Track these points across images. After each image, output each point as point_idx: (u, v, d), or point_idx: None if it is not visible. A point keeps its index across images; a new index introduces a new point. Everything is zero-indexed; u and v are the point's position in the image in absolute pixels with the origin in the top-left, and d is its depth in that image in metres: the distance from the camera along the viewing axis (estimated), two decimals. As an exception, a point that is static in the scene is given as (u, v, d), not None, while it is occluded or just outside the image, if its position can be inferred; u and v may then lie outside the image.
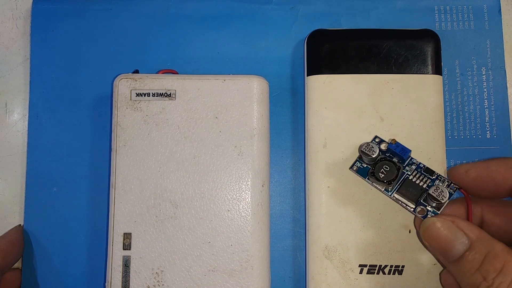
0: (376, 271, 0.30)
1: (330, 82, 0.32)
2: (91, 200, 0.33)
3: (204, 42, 0.35)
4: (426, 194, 0.28)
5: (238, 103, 0.30)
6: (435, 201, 0.27)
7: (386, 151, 0.29)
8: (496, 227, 0.28)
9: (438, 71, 0.32)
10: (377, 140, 0.30)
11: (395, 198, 0.29)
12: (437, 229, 0.25)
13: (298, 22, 0.35)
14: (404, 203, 0.29)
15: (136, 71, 0.32)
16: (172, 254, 0.29)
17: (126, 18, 0.35)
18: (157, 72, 0.33)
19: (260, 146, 0.30)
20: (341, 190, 0.31)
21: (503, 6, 0.35)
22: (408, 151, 0.29)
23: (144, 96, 0.30)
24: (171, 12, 0.35)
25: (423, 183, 0.29)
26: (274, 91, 0.34)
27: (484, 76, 0.34)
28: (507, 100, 0.34)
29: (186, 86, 0.31)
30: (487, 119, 0.34)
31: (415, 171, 0.29)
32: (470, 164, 0.28)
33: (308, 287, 0.31)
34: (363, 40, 0.32)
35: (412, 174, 0.29)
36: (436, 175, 0.29)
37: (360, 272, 0.30)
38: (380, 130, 0.31)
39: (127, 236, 0.29)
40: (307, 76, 0.32)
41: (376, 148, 0.29)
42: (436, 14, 0.35)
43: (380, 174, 0.28)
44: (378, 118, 0.31)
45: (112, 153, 0.30)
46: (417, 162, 0.29)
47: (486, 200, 0.28)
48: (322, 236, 0.30)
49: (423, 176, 0.29)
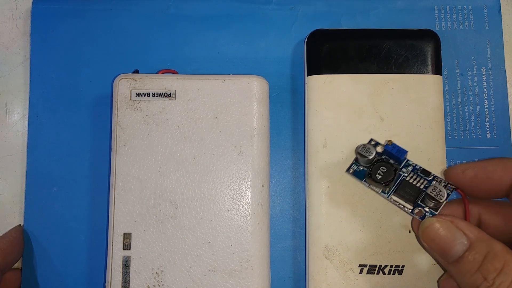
0: (376, 271, 0.30)
1: (330, 82, 0.32)
2: (91, 200, 0.33)
3: (204, 42, 0.35)
4: (424, 195, 0.28)
5: (238, 103, 0.30)
6: (433, 201, 0.27)
7: (382, 153, 0.29)
8: (494, 227, 0.27)
9: (438, 71, 0.32)
10: (372, 142, 0.30)
11: (392, 200, 0.29)
12: (436, 229, 0.25)
13: (298, 22, 0.35)
14: (401, 205, 0.29)
15: (136, 71, 0.32)
16: (172, 254, 0.29)
17: (126, 18, 0.35)
18: (157, 72, 0.33)
19: (260, 146, 0.30)
20: (341, 190, 0.31)
21: (503, 6, 0.35)
22: (405, 152, 0.29)
23: (144, 96, 0.30)
24: (171, 12, 0.35)
25: (420, 184, 0.29)
26: (274, 91, 0.34)
27: (484, 76, 0.34)
28: (507, 100, 0.34)
29: (186, 86, 0.31)
30: (487, 119, 0.34)
31: (412, 173, 0.29)
32: (467, 164, 0.28)
33: (308, 287, 0.31)
34: (363, 40, 0.32)
35: (409, 176, 0.29)
36: (432, 176, 0.29)
37: (360, 272, 0.30)
38: (380, 130, 0.31)
39: (127, 236, 0.29)
40: (307, 76, 0.32)
41: (373, 149, 0.29)
42: (436, 14, 0.35)
43: (377, 175, 0.28)
44: (378, 118, 0.31)
45: (112, 153, 0.30)
46: (413, 163, 0.29)
47: (483, 200, 0.28)
48: (322, 236, 0.30)
49: (419, 177, 0.29)
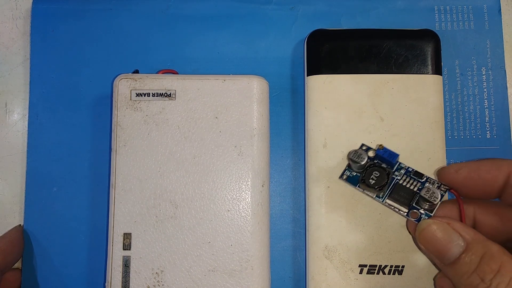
0: (376, 271, 0.30)
1: (330, 82, 0.32)
2: (91, 200, 0.33)
3: (204, 42, 0.35)
4: (418, 197, 0.28)
5: (238, 103, 0.30)
6: (427, 202, 0.27)
7: (374, 158, 0.29)
8: (489, 227, 0.27)
9: (438, 71, 0.32)
10: (364, 147, 0.30)
11: (387, 204, 0.29)
12: (432, 231, 0.25)
13: (298, 22, 0.35)
14: (396, 208, 0.29)
15: (136, 71, 0.32)
16: (172, 254, 0.29)
17: (126, 18, 0.35)
18: (157, 72, 0.33)
19: (260, 146, 0.30)
20: (341, 190, 0.31)
21: (503, 6, 0.35)
22: (396, 155, 0.29)
23: (144, 96, 0.30)
24: (171, 12, 0.35)
25: (413, 187, 0.29)
26: (274, 91, 0.34)
27: (484, 76, 0.34)
28: (507, 100, 0.34)
29: (186, 86, 0.31)
30: (487, 119, 0.34)
31: (405, 176, 0.29)
32: (460, 164, 0.28)
33: (308, 287, 0.30)
34: (363, 40, 0.32)
35: (402, 179, 0.29)
36: (425, 177, 0.29)
37: (360, 272, 0.30)
38: (380, 130, 0.31)
39: (127, 236, 0.29)
40: (307, 76, 0.32)
41: (365, 154, 0.29)
42: (436, 14, 0.35)
43: (370, 180, 0.28)
44: (378, 118, 0.31)
45: (112, 153, 0.30)
46: (405, 166, 0.29)
47: (477, 200, 0.28)
48: (322, 236, 0.30)
49: (413, 179, 0.29)
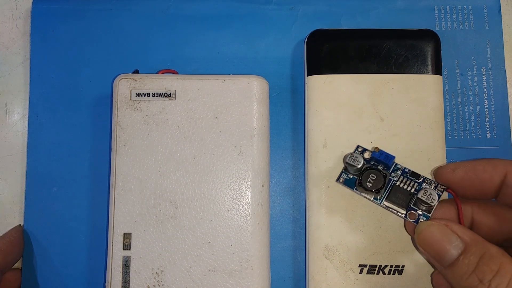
0: (376, 271, 0.30)
1: (330, 82, 0.32)
2: (91, 200, 0.33)
3: (204, 42, 0.35)
4: (416, 199, 0.28)
5: (238, 103, 0.30)
6: (425, 204, 0.27)
7: (370, 160, 0.29)
8: (487, 227, 0.27)
9: (438, 71, 0.32)
10: (359, 149, 0.30)
11: (385, 206, 0.29)
12: (431, 233, 0.25)
13: (298, 22, 0.35)
14: (394, 210, 0.29)
15: (136, 71, 0.32)
16: (172, 254, 0.29)
17: (126, 18, 0.35)
18: (157, 72, 0.33)
19: (260, 146, 0.30)
20: (341, 190, 0.30)
21: (503, 6, 0.35)
22: (392, 157, 0.29)
23: (144, 96, 0.30)
24: (171, 12, 0.35)
25: (410, 188, 0.28)
26: (274, 91, 0.34)
27: (484, 76, 0.34)
28: (507, 100, 0.34)
29: (186, 86, 0.31)
30: (487, 119, 0.34)
31: (401, 176, 0.29)
32: (457, 164, 0.28)
33: (308, 287, 0.31)
34: (363, 40, 0.32)
35: (399, 180, 0.29)
36: (422, 178, 0.29)
37: (360, 272, 0.30)
38: (380, 130, 0.31)
39: (127, 236, 0.29)
40: (307, 76, 0.32)
41: (361, 158, 0.29)
42: (436, 14, 0.35)
43: (367, 183, 0.28)
44: (378, 118, 0.31)
45: (112, 153, 0.30)
46: (401, 167, 0.29)
47: (475, 201, 0.28)
48: (322, 236, 0.30)
49: (409, 180, 0.29)
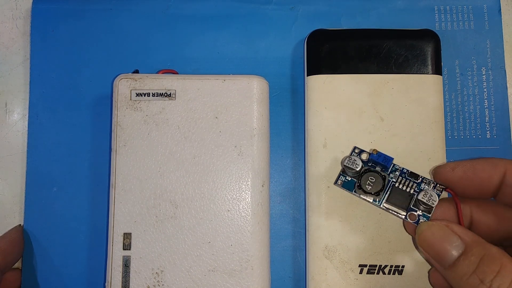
0: (376, 271, 0.30)
1: (330, 82, 0.32)
2: (91, 200, 0.33)
3: (204, 42, 0.35)
4: (416, 199, 0.28)
5: (238, 103, 0.30)
6: (425, 206, 0.27)
7: (368, 161, 0.29)
8: (486, 226, 0.27)
9: (438, 71, 0.32)
10: (356, 151, 0.29)
11: (385, 208, 0.29)
12: (432, 233, 0.25)
13: (298, 22, 0.35)
14: (395, 211, 0.28)
15: (136, 71, 0.32)
16: (172, 254, 0.29)
17: (126, 18, 0.35)
18: (157, 72, 0.33)
19: (260, 146, 0.30)
20: (341, 190, 0.30)
21: (503, 6, 0.35)
22: (391, 159, 0.28)
23: (144, 96, 0.30)
24: (171, 12, 0.35)
25: (409, 189, 0.28)
26: (274, 91, 0.34)
27: (484, 76, 0.34)
28: (507, 100, 0.34)
29: (186, 86, 0.31)
30: (487, 119, 0.34)
31: (400, 177, 0.29)
32: (456, 163, 0.28)
33: (308, 287, 0.31)
34: (363, 40, 0.32)
35: (397, 181, 0.29)
36: (421, 178, 0.29)
37: (360, 272, 0.30)
38: (380, 130, 0.31)
39: (127, 236, 0.29)
40: (307, 76, 0.32)
41: (359, 160, 0.29)
42: (436, 14, 0.35)
43: (367, 186, 0.28)
44: (378, 118, 0.31)
45: (112, 153, 0.30)
46: (400, 168, 0.29)
47: (474, 199, 0.28)
48: (322, 236, 0.30)
49: (408, 181, 0.29)
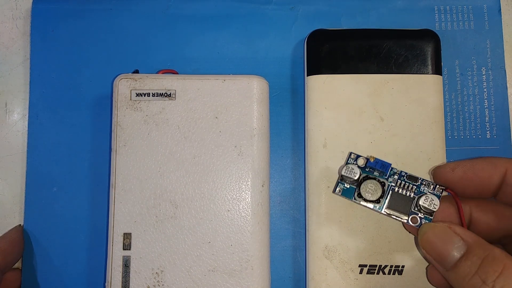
0: (376, 271, 0.30)
1: (330, 82, 0.32)
2: (91, 200, 0.33)
3: (204, 42, 0.35)
4: (416, 203, 0.28)
5: (238, 103, 0.30)
6: (427, 210, 0.27)
7: (365, 167, 0.29)
8: (485, 225, 0.27)
9: (438, 71, 0.32)
10: (353, 156, 0.29)
11: (386, 213, 0.29)
12: (433, 235, 0.25)
13: (298, 22, 0.35)
14: (396, 216, 0.28)
15: (136, 71, 0.32)
16: (172, 254, 0.29)
17: (126, 18, 0.35)
18: (157, 72, 0.33)
19: (260, 146, 0.30)
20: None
21: (503, 6, 0.35)
22: (389, 165, 0.28)
23: (144, 96, 0.30)
24: (171, 12, 0.35)
25: (409, 192, 0.28)
26: (274, 91, 0.34)
27: (484, 76, 0.34)
28: (507, 100, 0.34)
29: (186, 86, 0.31)
30: (487, 119, 0.34)
31: (399, 181, 0.29)
32: (456, 163, 0.28)
33: (308, 287, 0.31)
34: (363, 40, 0.32)
35: (397, 185, 0.29)
36: (420, 180, 0.28)
37: (360, 272, 0.30)
38: (380, 130, 0.31)
39: (127, 236, 0.29)
40: (307, 76, 0.32)
41: (356, 168, 0.28)
42: (436, 14, 0.35)
43: (367, 194, 0.28)
44: (378, 118, 0.31)
45: (112, 153, 0.30)
46: (398, 171, 0.29)
47: (473, 198, 0.28)
48: (322, 236, 0.30)
49: (407, 184, 0.28)
